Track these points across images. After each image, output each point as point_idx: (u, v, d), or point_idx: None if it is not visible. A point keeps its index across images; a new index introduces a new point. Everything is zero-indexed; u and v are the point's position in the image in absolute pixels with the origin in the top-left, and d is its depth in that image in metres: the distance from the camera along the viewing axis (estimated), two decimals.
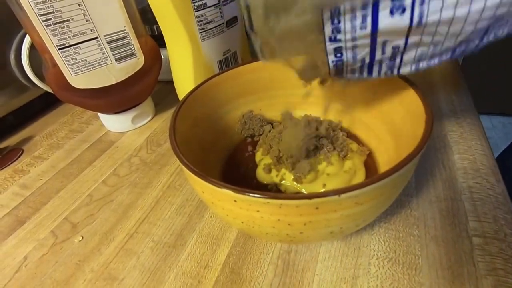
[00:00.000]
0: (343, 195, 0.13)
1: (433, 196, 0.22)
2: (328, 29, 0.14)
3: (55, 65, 0.27)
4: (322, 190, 0.21)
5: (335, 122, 0.25)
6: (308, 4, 0.13)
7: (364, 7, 0.13)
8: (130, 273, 0.20)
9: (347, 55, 0.15)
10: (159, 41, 0.33)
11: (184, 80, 0.33)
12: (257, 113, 0.27)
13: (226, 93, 0.26)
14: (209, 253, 0.21)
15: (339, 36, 0.14)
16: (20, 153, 0.34)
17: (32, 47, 0.33)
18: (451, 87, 0.33)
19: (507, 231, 0.19)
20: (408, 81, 0.19)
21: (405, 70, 0.15)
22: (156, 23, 0.30)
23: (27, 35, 0.33)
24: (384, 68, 0.15)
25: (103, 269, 0.21)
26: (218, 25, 0.30)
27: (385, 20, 0.13)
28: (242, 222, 0.16)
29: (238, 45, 0.34)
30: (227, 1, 0.30)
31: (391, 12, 0.13)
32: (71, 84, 0.28)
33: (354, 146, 0.23)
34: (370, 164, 0.23)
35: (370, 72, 0.16)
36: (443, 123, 0.28)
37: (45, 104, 0.41)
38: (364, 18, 0.13)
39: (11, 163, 0.32)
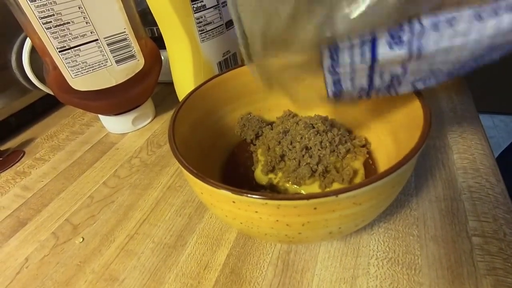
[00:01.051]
0: (341, 196, 0.13)
1: (433, 196, 0.22)
2: (327, 63, 0.14)
3: (55, 67, 0.28)
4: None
5: (335, 122, 0.25)
6: (307, 41, 0.14)
7: (362, 44, 0.13)
8: (131, 274, 0.20)
9: (346, 85, 0.15)
10: (159, 42, 0.33)
11: (184, 81, 0.33)
12: (256, 114, 0.28)
13: (225, 94, 0.26)
14: (209, 253, 0.21)
15: (338, 69, 0.14)
16: (22, 155, 0.34)
17: (33, 50, 0.34)
18: (451, 86, 0.33)
19: (507, 231, 0.19)
20: None
21: (402, 90, 0.16)
22: (156, 24, 0.30)
23: (28, 38, 0.33)
24: (382, 91, 0.16)
25: (103, 270, 0.21)
26: (218, 27, 0.30)
27: (384, 53, 0.13)
28: (241, 223, 0.16)
29: (237, 46, 0.34)
30: (226, 3, 0.30)
31: (390, 46, 0.13)
32: (72, 86, 0.29)
33: (353, 146, 0.23)
34: (369, 164, 0.23)
35: (368, 95, 0.16)
36: (443, 122, 0.28)
37: (46, 106, 0.41)
38: (363, 53, 0.13)
39: (12, 165, 0.33)
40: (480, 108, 0.29)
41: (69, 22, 0.26)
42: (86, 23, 0.27)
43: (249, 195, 0.14)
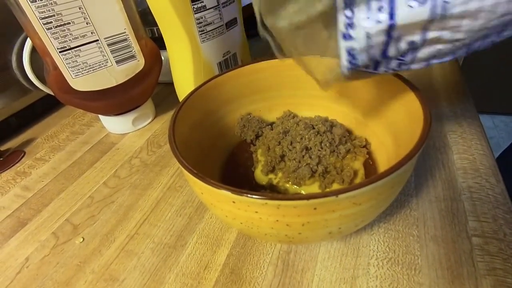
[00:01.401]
0: (340, 196, 0.13)
1: (433, 196, 0.22)
2: (341, 24, 0.13)
3: (56, 67, 0.28)
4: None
5: (335, 122, 0.25)
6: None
7: None
8: (131, 274, 0.21)
9: (361, 57, 0.14)
10: (159, 43, 0.33)
11: (184, 81, 0.33)
12: (256, 114, 0.28)
13: (226, 94, 0.26)
14: (209, 254, 0.21)
15: (353, 34, 0.13)
16: (22, 155, 0.34)
17: (33, 50, 0.34)
18: (451, 87, 0.33)
19: (507, 231, 0.19)
20: (407, 82, 0.19)
21: (415, 67, 0.14)
22: (156, 25, 0.30)
23: (28, 38, 0.33)
24: (393, 64, 0.14)
25: (104, 270, 0.21)
26: (218, 27, 0.30)
27: (403, 11, 0.12)
28: (241, 223, 0.16)
29: (237, 46, 0.34)
30: (226, 3, 0.30)
31: (410, 3, 0.11)
32: (72, 86, 0.29)
33: (353, 146, 0.23)
34: (369, 164, 0.23)
35: (377, 67, 0.14)
36: (443, 123, 0.28)
37: (46, 106, 0.41)
38: (380, 9, 0.12)
39: (13, 165, 0.33)
40: (480, 108, 0.29)
41: (69, 23, 0.26)
42: (87, 23, 0.27)
43: (249, 195, 0.14)
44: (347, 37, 0.13)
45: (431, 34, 0.12)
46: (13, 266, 0.22)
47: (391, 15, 0.12)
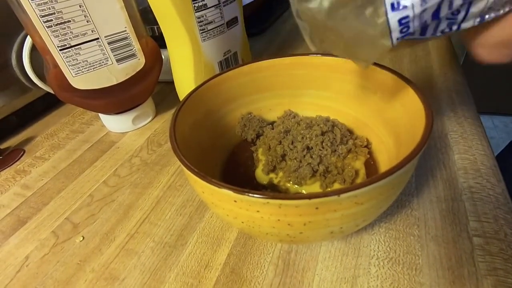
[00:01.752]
0: (342, 195, 0.13)
1: (434, 196, 0.22)
2: None
3: (56, 66, 0.28)
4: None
5: (336, 122, 0.25)
6: None
7: None
8: (131, 273, 0.20)
9: (414, 24, 0.12)
10: (160, 41, 0.33)
11: (185, 80, 0.33)
12: (257, 113, 0.28)
13: (226, 93, 0.26)
14: (209, 253, 0.21)
15: (404, 2, 0.11)
16: (22, 153, 0.34)
17: (33, 48, 0.34)
18: (452, 87, 0.33)
19: (508, 231, 0.19)
20: (409, 81, 0.19)
21: (467, 25, 0.13)
22: (157, 23, 0.30)
23: (28, 36, 0.33)
24: (442, 26, 0.13)
25: (104, 269, 0.21)
26: (219, 26, 0.30)
27: None
28: (243, 222, 0.16)
29: (238, 45, 0.34)
30: (227, 2, 0.30)
31: None
32: (72, 85, 0.29)
33: (354, 146, 0.23)
34: (370, 164, 0.23)
35: (424, 33, 0.13)
36: (443, 123, 0.28)
37: (46, 104, 0.41)
38: None
39: (12, 164, 0.33)
40: (480, 109, 0.29)
41: (70, 21, 0.26)
42: (87, 21, 0.27)
43: (250, 195, 0.14)
44: (396, 7, 0.12)
45: None
46: (13, 264, 0.22)
47: None
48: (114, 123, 0.35)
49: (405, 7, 0.12)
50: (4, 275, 0.22)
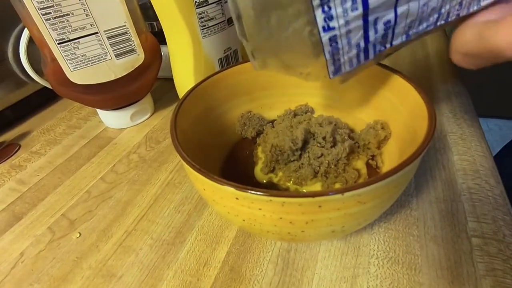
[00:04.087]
0: (346, 194, 0.13)
1: (433, 197, 0.22)
2: (320, 18, 0.14)
3: (54, 60, 0.27)
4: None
5: (338, 121, 0.25)
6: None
7: None
8: (129, 270, 0.20)
9: (342, 42, 0.14)
10: (160, 37, 0.33)
11: (184, 77, 0.32)
12: (257, 111, 0.27)
13: (226, 91, 0.25)
14: (208, 251, 0.21)
15: (332, 24, 0.14)
16: (17, 148, 0.33)
17: (30, 41, 0.33)
18: (451, 89, 0.33)
19: (506, 232, 0.19)
20: (411, 81, 0.19)
21: (397, 42, 0.16)
22: (157, 19, 0.30)
23: (25, 29, 0.32)
24: (378, 47, 0.15)
25: (101, 266, 0.21)
26: (220, 23, 0.30)
27: None
28: (244, 220, 0.16)
29: (239, 43, 0.34)
30: None
31: None
32: (70, 79, 0.28)
33: (356, 146, 0.23)
34: (372, 164, 0.23)
35: (366, 55, 0.16)
36: (443, 124, 0.28)
37: (43, 99, 0.40)
38: (353, 1, 0.13)
39: (8, 158, 0.32)
40: (475, 111, 0.29)
41: (68, 14, 0.26)
42: (86, 15, 0.27)
43: (253, 192, 0.14)
44: (326, 28, 0.14)
45: (401, 9, 0.14)
46: (8, 261, 0.22)
47: (365, 2, 0.13)
48: (112, 119, 0.34)
49: (332, 28, 0.14)
50: None
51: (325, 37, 0.14)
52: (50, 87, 0.32)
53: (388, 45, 0.15)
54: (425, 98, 0.18)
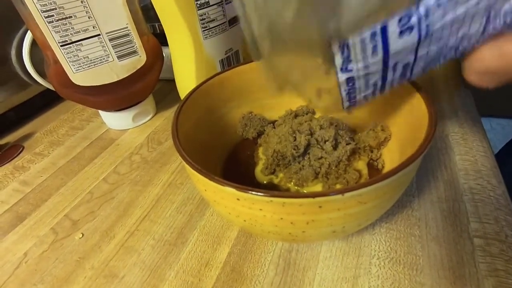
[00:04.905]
0: (346, 194, 0.13)
1: (435, 197, 0.22)
2: (338, 60, 0.13)
3: (56, 62, 0.27)
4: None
5: (339, 122, 0.25)
6: (314, 39, 0.13)
7: (373, 36, 0.13)
8: (131, 270, 0.20)
9: (360, 83, 0.14)
10: (161, 39, 0.33)
11: (186, 78, 0.33)
12: (258, 112, 0.27)
13: (228, 92, 0.26)
14: (210, 251, 0.21)
15: (350, 66, 0.14)
16: (21, 149, 0.34)
17: (33, 44, 0.33)
18: (453, 89, 0.33)
19: (508, 233, 0.19)
20: (412, 82, 0.19)
21: (414, 77, 0.16)
22: (158, 21, 0.30)
23: (28, 31, 0.33)
24: (395, 83, 0.16)
25: (103, 266, 0.21)
26: (221, 24, 0.30)
27: (395, 43, 0.13)
28: (245, 221, 0.16)
29: (240, 44, 0.34)
30: (230, 0, 0.30)
31: (401, 34, 0.12)
32: (73, 81, 0.28)
33: (357, 146, 0.23)
34: (373, 165, 0.23)
35: (382, 91, 0.16)
36: (444, 124, 0.28)
37: (46, 101, 0.41)
38: (374, 47, 0.13)
39: (11, 160, 0.32)
40: (478, 111, 0.29)
41: (71, 16, 0.26)
42: (89, 17, 0.27)
43: (254, 193, 0.14)
44: (344, 69, 0.14)
45: (421, 51, 0.14)
46: (12, 261, 0.22)
47: (386, 49, 0.13)
48: (114, 120, 0.35)
49: (350, 70, 0.14)
50: (2, 271, 0.21)
51: (342, 77, 0.14)
52: (53, 88, 0.32)
53: (405, 81, 0.16)
54: (425, 98, 0.18)
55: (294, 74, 0.16)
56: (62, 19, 0.26)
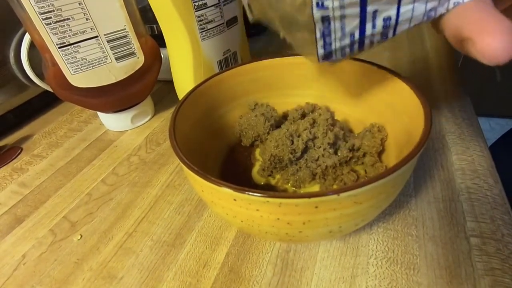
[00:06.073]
0: (342, 194, 0.13)
1: (432, 197, 0.22)
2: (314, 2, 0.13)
3: (54, 63, 0.27)
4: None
5: (337, 122, 0.25)
6: None
7: None
8: (129, 272, 0.20)
9: (335, 26, 0.14)
10: (159, 40, 0.33)
11: (184, 79, 0.33)
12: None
13: (226, 93, 0.26)
14: (208, 252, 0.21)
15: (326, 3, 0.13)
16: (19, 151, 0.34)
17: (31, 46, 0.33)
18: (449, 89, 0.33)
19: (505, 231, 0.19)
20: (408, 82, 0.20)
21: (396, 34, 0.15)
22: (156, 22, 0.30)
23: (26, 34, 0.33)
24: (375, 40, 0.15)
25: (102, 267, 0.21)
26: (218, 25, 0.30)
27: None
28: (242, 221, 0.16)
29: (238, 45, 0.34)
30: (227, 1, 0.30)
31: None
32: (71, 83, 0.28)
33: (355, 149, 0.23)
34: (370, 165, 0.23)
35: (361, 47, 0.15)
36: (441, 124, 0.28)
37: (44, 102, 0.41)
38: None
39: (10, 162, 0.32)
40: (477, 111, 0.29)
41: (69, 18, 0.26)
42: (86, 19, 0.27)
43: (250, 193, 0.14)
44: (320, 5, 0.13)
45: (405, 8, 0.13)
46: (10, 263, 0.22)
47: None
48: (113, 122, 0.35)
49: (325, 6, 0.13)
50: (1, 273, 0.21)
51: (317, 14, 0.13)
52: (51, 90, 0.32)
53: (386, 38, 0.15)
54: (421, 98, 0.18)
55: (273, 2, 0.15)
56: (60, 21, 0.26)
